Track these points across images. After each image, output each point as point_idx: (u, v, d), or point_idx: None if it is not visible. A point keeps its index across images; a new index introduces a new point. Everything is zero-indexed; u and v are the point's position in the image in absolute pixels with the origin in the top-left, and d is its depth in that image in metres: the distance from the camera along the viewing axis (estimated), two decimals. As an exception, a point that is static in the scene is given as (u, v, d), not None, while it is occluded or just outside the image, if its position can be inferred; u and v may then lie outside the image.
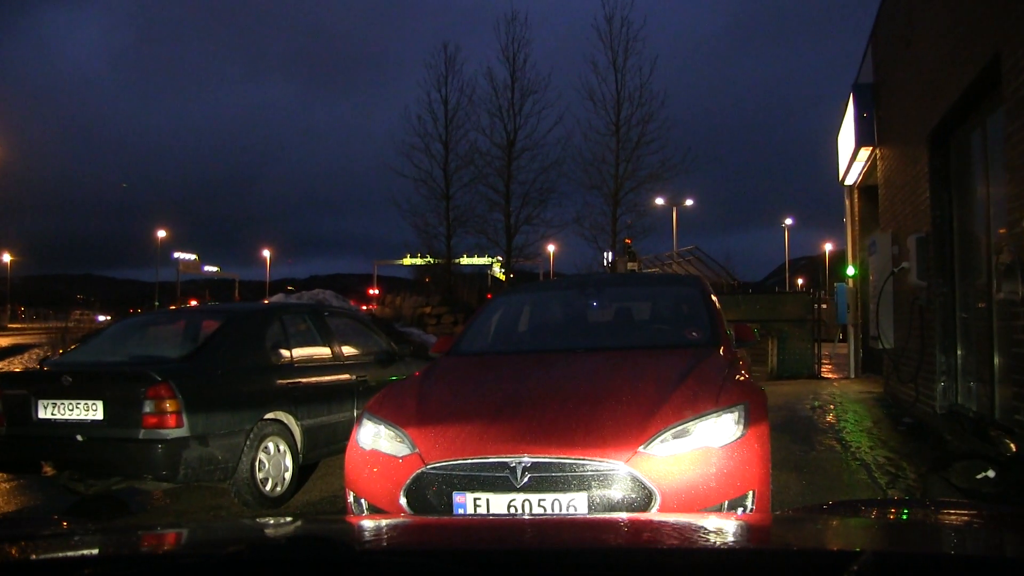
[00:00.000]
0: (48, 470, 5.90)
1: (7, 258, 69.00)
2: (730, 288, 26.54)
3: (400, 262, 43.83)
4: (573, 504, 3.69)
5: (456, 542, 1.76)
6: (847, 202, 16.28)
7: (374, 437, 4.28)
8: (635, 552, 1.57)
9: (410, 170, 30.63)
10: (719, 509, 3.79)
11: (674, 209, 43.66)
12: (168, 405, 5.45)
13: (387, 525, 2.08)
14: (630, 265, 25.64)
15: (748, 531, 1.77)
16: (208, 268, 76.10)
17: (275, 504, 6.15)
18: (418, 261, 35.37)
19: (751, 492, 3.90)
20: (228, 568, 1.35)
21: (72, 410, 5.70)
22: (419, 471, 3.91)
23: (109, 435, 5.58)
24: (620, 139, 28.80)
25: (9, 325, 48.30)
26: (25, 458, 6.01)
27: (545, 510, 3.70)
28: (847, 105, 13.48)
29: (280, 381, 6.39)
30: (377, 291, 34.80)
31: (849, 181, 15.35)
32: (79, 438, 5.62)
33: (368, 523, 2.32)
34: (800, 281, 65.93)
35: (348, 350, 7.36)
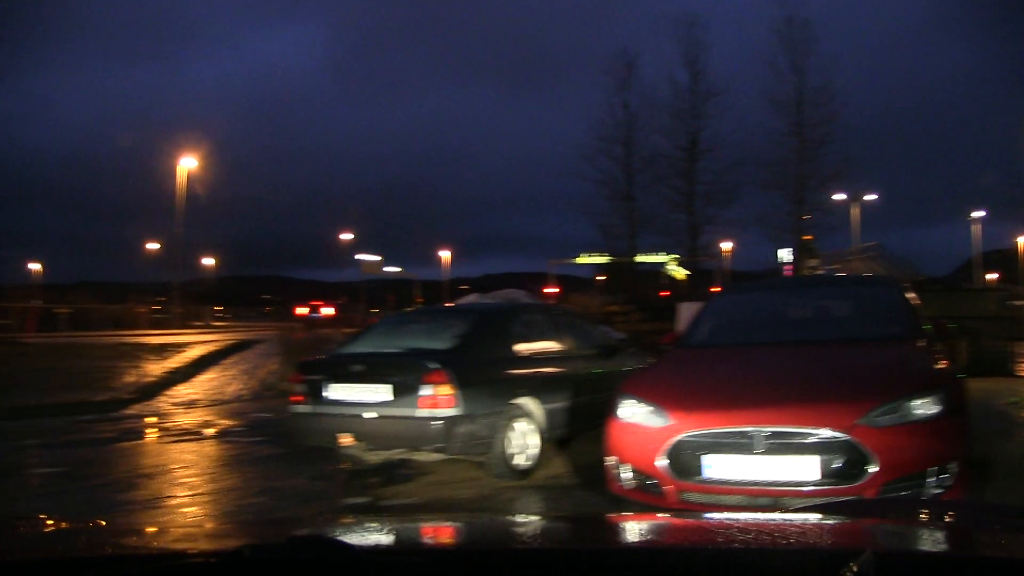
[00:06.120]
0: (345, 440, 7.04)
1: (211, 261, 74.78)
2: (916, 285, 25.64)
3: (574, 261, 45.11)
4: (805, 464, 4.48)
5: (456, 542, 1.84)
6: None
7: (632, 413, 5.24)
8: (635, 551, 1.61)
9: (591, 172, 31.70)
10: (924, 476, 4.45)
11: (856, 205, 42.24)
12: (445, 388, 6.52)
13: (386, 526, 2.08)
14: (810, 262, 25.45)
15: (747, 530, 1.73)
16: (389, 269, 79.48)
17: (522, 476, 7.05)
18: (595, 259, 36.37)
19: (954, 463, 4.53)
20: (228, 568, 1.37)
21: (362, 392, 6.86)
22: (678, 438, 4.82)
23: (395, 413, 6.67)
24: (803, 139, 28.61)
25: (212, 323, 51.58)
26: (321, 430, 7.14)
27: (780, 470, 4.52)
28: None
29: (526, 370, 7.40)
30: (557, 290, 35.95)
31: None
32: (369, 415, 6.73)
33: (367, 524, 2.36)
34: (993, 276, 61.81)
35: (577, 343, 8.31)
